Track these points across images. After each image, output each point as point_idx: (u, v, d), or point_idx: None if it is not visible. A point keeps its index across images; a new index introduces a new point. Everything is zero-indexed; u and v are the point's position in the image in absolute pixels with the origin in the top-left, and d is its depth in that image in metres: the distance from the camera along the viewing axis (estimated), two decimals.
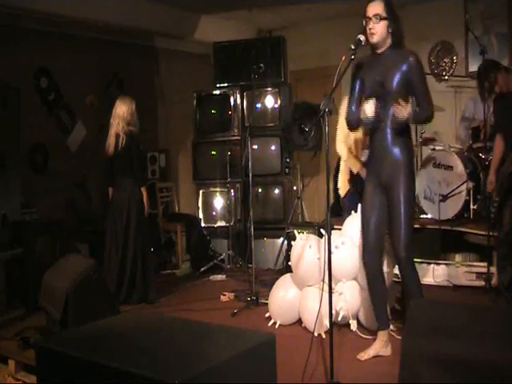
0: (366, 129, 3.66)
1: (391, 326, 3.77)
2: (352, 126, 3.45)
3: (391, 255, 3.75)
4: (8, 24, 5.50)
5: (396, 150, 3.17)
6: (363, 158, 4.54)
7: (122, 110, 4.87)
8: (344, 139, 4.52)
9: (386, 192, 3.23)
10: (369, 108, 3.15)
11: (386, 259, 3.68)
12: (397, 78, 3.12)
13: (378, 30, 3.13)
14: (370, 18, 3.13)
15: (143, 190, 4.97)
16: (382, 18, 3.12)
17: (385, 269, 3.68)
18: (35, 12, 5.32)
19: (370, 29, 3.13)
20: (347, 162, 4.60)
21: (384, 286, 3.42)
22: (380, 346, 3.35)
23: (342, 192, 4.65)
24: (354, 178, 4.54)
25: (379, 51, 3.22)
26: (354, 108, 3.33)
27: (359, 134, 4.49)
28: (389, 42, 3.19)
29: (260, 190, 6.32)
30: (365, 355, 3.33)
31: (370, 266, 3.32)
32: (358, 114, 3.26)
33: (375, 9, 3.14)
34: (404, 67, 3.12)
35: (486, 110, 4.65)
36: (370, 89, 3.22)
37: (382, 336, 3.37)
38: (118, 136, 4.85)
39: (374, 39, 3.15)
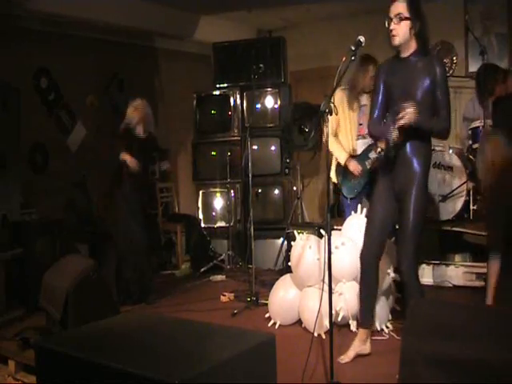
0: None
1: (390, 326, 3.78)
2: (371, 135, 3.41)
3: (391, 256, 3.75)
4: (8, 24, 5.50)
5: (414, 160, 3.09)
6: (358, 148, 4.53)
7: (142, 112, 4.97)
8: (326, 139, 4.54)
9: (397, 199, 3.18)
10: (395, 134, 3.03)
11: (385, 260, 3.69)
12: (423, 88, 3.02)
13: (400, 32, 3.02)
14: (392, 19, 3.03)
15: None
16: (403, 19, 3.00)
17: (385, 270, 3.69)
18: (35, 12, 5.33)
19: (390, 30, 3.03)
20: (333, 152, 4.46)
21: (375, 285, 3.35)
22: (358, 345, 3.33)
23: (336, 179, 4.60)
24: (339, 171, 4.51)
25: (403, 55, 3.10)
26: (376, 115, 3.23)
27: (354, 123, 4.49)
28: (413, 45, 3.07)
29: (260, 191, 6.31)
30: (345, 358, 3.29)
31: (367, 261, 3.27)
32: (380, 129, 3.15)
33: (397, 8, 3.02)
34: (430, 76, 3.02)
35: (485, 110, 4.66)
36: (395, 96, 3.12)
37: (362, 334, 3.34)
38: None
39: (396, 41, 3.04)
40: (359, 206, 4.15)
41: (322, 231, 3.87)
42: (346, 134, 4.53)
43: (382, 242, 3.28)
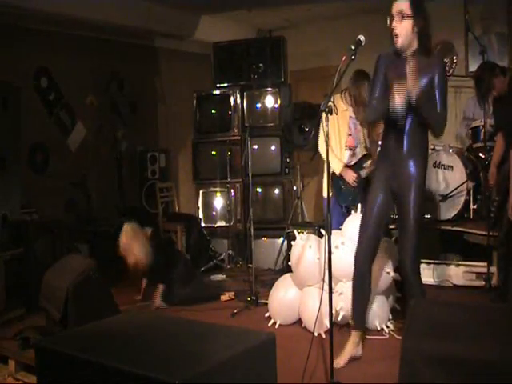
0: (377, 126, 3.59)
1: (391, 326, 3.78)
2: (373, 119, 3.35)
3: (391, 256, 3.75)
4: (8, 24, 5.50)
5: (411, 160, 3.09)
6: (345, 159, 4.53)
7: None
8: (325, 139, 4.49)
9: (394, 199, 3.19)
10: (398, 98, 2.94)
11: (385, 259, 3.69)
12: (420, 87, 2.93)
13: (402, 31, 2.96)
14: (394, 17, 2.96)
15: None
16: (406, 17, 2.94)
17: (385, 269, 3.69)
18: (35, 12, 5.33)
19: (392, 28, 2.96)
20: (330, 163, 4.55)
21: (369, 288, 3.32)
22: (352, 348, 3.29)
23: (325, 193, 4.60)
24: (334, 180, 4.50)
25: (404, 54, 3.05)
26: (375, 102, 3.14)
27: (343, 133, 4.49)
28: (415, 44, 3.02)
29: (260, 190, 6.32)
30: (340, 361, 3.22)
31: (361, 265, 3.25)
32: (381, 108, 3.09)
33: (399, 6, 2.96)
34: (429, 76, 2.98)
35: (486, 109, 4.65)
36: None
37: (355, 337, 3.31)
38: None
39: (398, 42, 2.98)
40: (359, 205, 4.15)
41: (322, 231, 3.87)
42: (335, 145, 4.53)
43: (375, 245, 3.27)
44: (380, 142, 4.34)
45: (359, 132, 4.60)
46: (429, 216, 5.21)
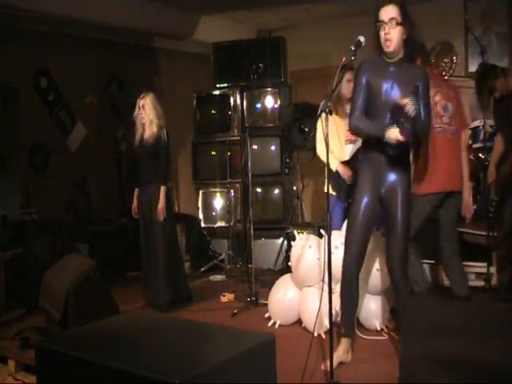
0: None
1: (390, 326, 3.78)
2: (357, 135, 3.39)
3: None
4: (7, 24, 5.50)
5: (393, 168, 3.13)
6: (347, 155, 4.50)
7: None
8: (326, 140, 4.45)
9: (381, 204, 3.20)
10: (393, 134, 2.96)
11: (384, 259, 3.68)
12: (405, 95, 2.95)
13: (394, 37, 2.97)
14: (386, 23, 2.97)
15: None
16: (398, 23, 2.96)
17: (384, 269, 3.69)
18: (35, 12, 5.32)
19: (385, 34, 2.96)
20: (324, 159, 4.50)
21: (357, 294, 3.31)
22: (342, 353, 3.27)
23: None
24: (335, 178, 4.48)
25: (390, 60, 3.07)
26: (359, 111, 3.14)
27: (342, 129, 4.44)
28: (402, 51, 3.04)
29: (260, 190, 6.32)
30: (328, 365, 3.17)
31: (349, 272, 3.23)
32: (366, 127, 3.14)
33: (391, 12, 2.97)
34: (414, 85, 3.01)
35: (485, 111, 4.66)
36: (376, 99, 3.09)
37: (345, 343, 3.30)
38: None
39: (391, 47, 2.99)
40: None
41: (322, 231, 3.87)
42: (335, 141, 4.50)
43: (363, 252, 3.26)
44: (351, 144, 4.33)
45: None
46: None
